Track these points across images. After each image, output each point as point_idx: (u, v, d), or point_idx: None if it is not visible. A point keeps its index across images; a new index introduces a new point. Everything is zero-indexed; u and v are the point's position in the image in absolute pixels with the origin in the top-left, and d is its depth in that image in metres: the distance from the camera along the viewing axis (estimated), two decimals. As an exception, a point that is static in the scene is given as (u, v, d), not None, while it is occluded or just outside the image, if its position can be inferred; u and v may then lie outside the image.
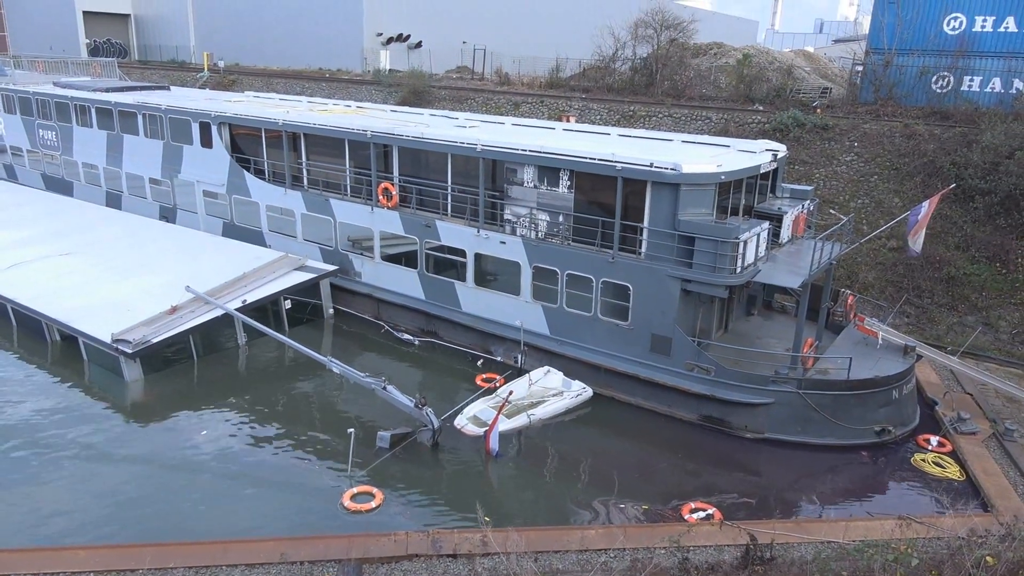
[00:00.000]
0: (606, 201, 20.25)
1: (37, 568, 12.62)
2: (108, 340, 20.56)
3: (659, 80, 41.95)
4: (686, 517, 15.37)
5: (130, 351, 20.32)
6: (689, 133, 31.44)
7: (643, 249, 19.61)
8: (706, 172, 18.88)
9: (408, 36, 61.82)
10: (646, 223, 19.49)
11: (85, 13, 76.61)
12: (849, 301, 22.66)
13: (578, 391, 20.14)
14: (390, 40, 60.96)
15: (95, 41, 77.06)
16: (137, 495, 15.84)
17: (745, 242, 18.60)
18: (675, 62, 43.32)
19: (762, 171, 21.13)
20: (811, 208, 23.15)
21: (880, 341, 20.77)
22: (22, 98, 38.27)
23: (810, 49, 67.32)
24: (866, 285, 26.77)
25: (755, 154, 21.27)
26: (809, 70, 46.64)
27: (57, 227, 30.78)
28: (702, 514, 15.48)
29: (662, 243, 19.17)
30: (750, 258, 19.02)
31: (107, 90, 35.64)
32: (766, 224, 19.92)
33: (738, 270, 18.58)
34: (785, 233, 21.38)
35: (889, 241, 27.40)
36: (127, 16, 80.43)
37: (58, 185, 37.60)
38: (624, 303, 19.94)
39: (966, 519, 14.09)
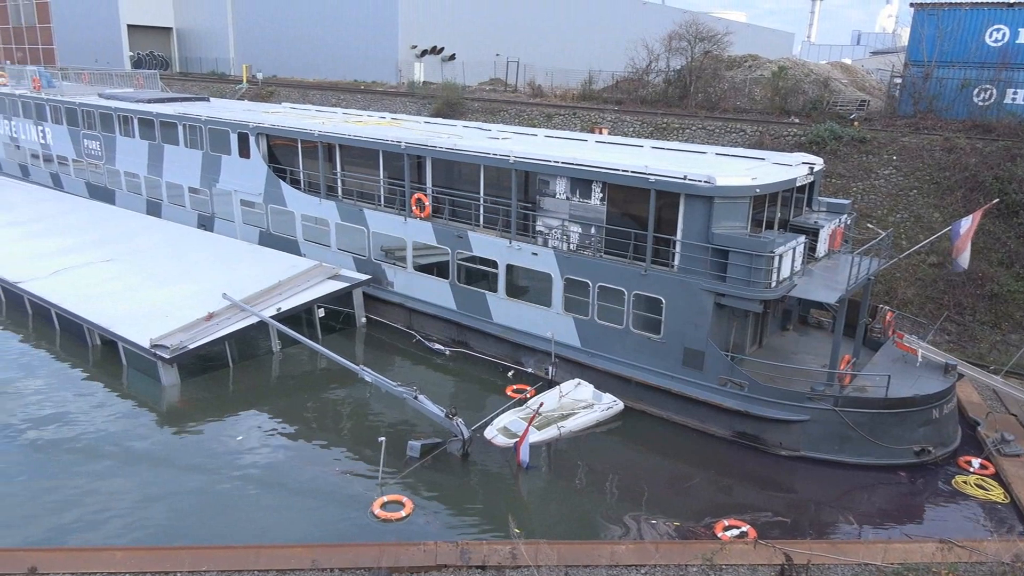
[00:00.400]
0: (639, 213, 20.17)
1: (76, 568, 12.86)
2: (146, 345, 20.98)
3: (693, 92, 41.79)
4: (719, 535, 15.14)
5: (167, 356, 20.70)
6: (723, 146, 31.21)
7: (676, 262, 19.46)
8: (741, 185, 18.71)
9: (442, 49, 62.49)
10: (679, 236, 19.36)
11: (129, 27, 78.80)
12: (887, 317, 22.22)
13: (609, 404, 20.02)
14: (424, 52, 61.69)
15: (138, 54, 79.16)
16: (172, 498, 16.09)
17: (780, 256, 18.37)
18: (709, 74, 43.13)
19: (798, 184, 20.88)
20: (848, 222, 22.80)
21: (920, 359, 20.30)
22: (68, 109, 39.40)
23: (847, 61, 66.48)
24: (905, 301, 26.23)
25: (791, 167, 21.02)
26: (846, 82, 46.04)
27: (99, 235, 31.55)
28: (736, 532, 15.25)
29: (695, 256, 19.01)
30: (785, 272, 18.77)
31: (149, 101, 36.54)
32: (802, 238, 19.64)
33: (773, 284, 18.34)
34: (821, 247, 21.07)
35: (929, 257, 26.85)
36: (169, 29, 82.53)
37: (101, 194, 38.58)
38: (656, 316, 19.79)
39: (1011, 544, 13.66)
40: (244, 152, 30.18)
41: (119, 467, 17.30)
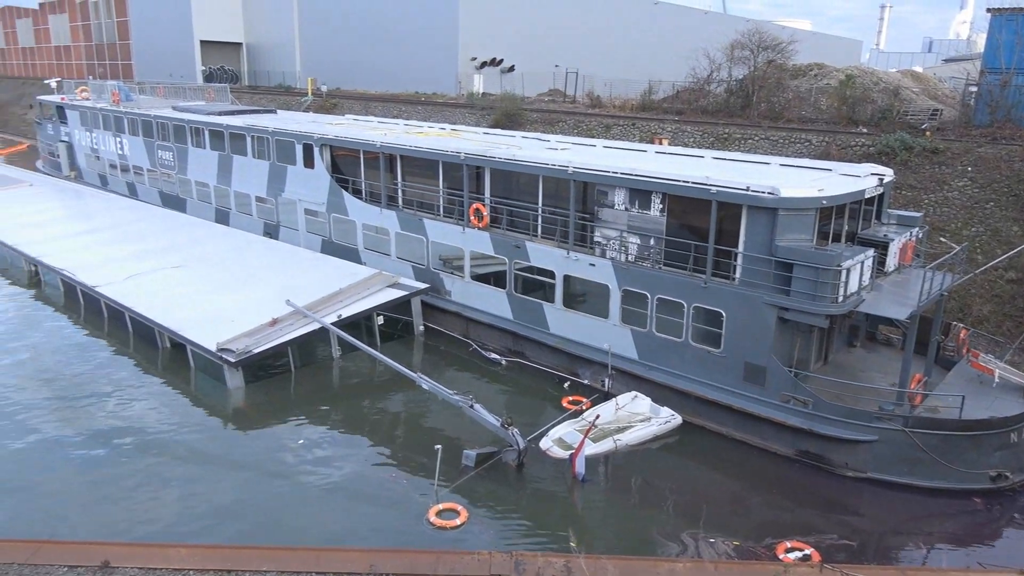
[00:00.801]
0: (699, 225, 19.87)
1: (144, 563, 13.29)
2: (213, 349, 21.66)
3: (756, 102, 41.04)
4: (781, 557, 14.69)
5: (233, 360, 21.32)
6: (787, 156, 30.52)
7: (737, 275, 19.08)
8: (806, 196, 18.24)
9: (501, 60, 63.04)
10: (741, 248, 18.98)
11: (202, 42, 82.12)
12: (961, 335, 21.29)
13: (667, 418, 19.71)
14: (484, 64, 62.34)
15: (210, 68, 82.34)
16: (236, 497, 16.55)
17: (847, 270, 17.81)
18: (773, 83, 42.31)
19: (866, 196, 20.25)
20: (919, 235, 21.98)
21: (996, 379, 19.36)
22: (144, 121, 41.20)
23: (918, 69, 64.38)
24: (980, 319, 25.08)
25: (859, 178, 20.40)
26: (917, 91, 44.52)
27: (170, 241, 32.82)
28: (798, 554, 14.77)
29: (758, 269, 18.60)
30: (853, 287, 18.17)
31: (219, 114, 37.91)
32: (871, 251, 18.99)
33: (839, 299, 17.78)
34: (891, 261, 20.35)
35: (1007, 272, 25.63)
36: (239, 44, 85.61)
37: (173, 202, 40.15)
38: (716, 330, 19.43)
39: (1098, 578, 12.86)
40: (309, 163, 30.98)
41: (185, 466, 17.88)
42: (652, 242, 20.97)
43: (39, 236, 33.80)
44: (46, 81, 65.70)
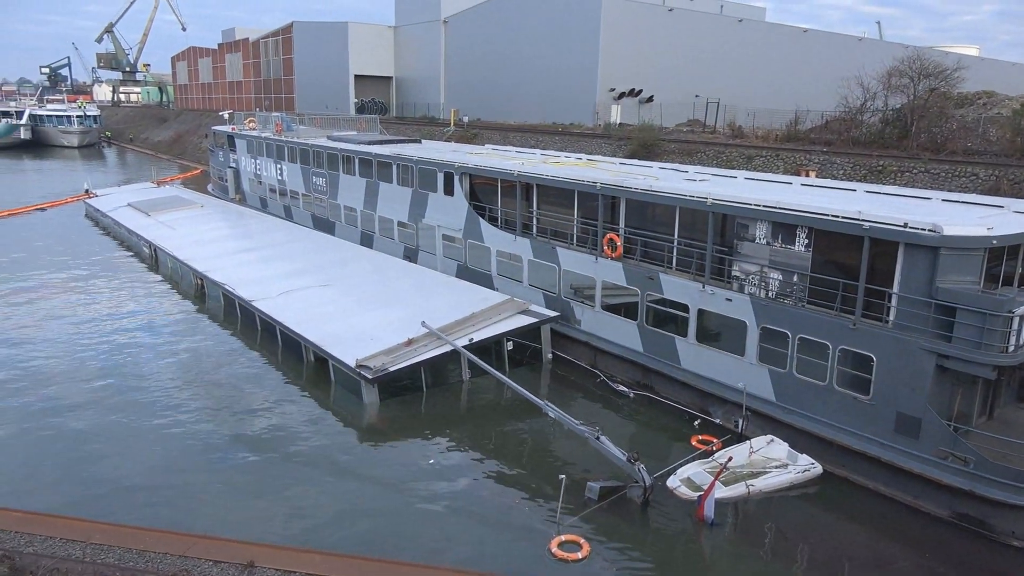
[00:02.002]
0: (848, 262, 18.73)
1: (284, 566, 14.08)
2: (353, 365, 22.78)
3: (915, 132, 38.35)
4: (933, 628, 13.35)
5: (370, 376, 22.32)
6: (951, 191, 28.26)
7: (891, 317, 17.77)
8: (973, 235, 16.77)
9: (640, 91, 62.87)
10: (896, 289, 17.68)
11: (356, 76, 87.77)
12: None
13: (806, 466, 18.53)
14: (622, 95, 62.43)
15: (362, 100, 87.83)
16: (365, 508, 17.23)
17: (1020, 317, 16.14)
18: (934, 113, 39.38)
19: (1045, 236, 18.30)
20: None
21: None
22: (302, 150, 44.47)
23: (1110, 97, 57.63)
24: None
25: (1037, 217, 18.52)
26: (1109, 121, 39.86)
27: (320, 261, 35.03)
28: (954, 628, 13.36)
29: (915, 312, 17.24)
30: (1027, 336, 16.44)
31: (369, 143, 40.25)
32: (1049, 298, 17.12)
33: (1010, 349, 16.14)
34: (1074, 310, 18.21)
35: None
36: (389, 78, 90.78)
37: (323, 225, 42.91)
38: (865, 375, 18.12)
39: None
40: (449, 190, 32.16)
41: (322, 475, 18.83)
42: (795, 278, 19.99)
43: (206, 253, 37.16)
44: (220, 113, 72.61)
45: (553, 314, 26.77)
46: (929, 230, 16.88)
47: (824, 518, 17.51)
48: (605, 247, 24.93)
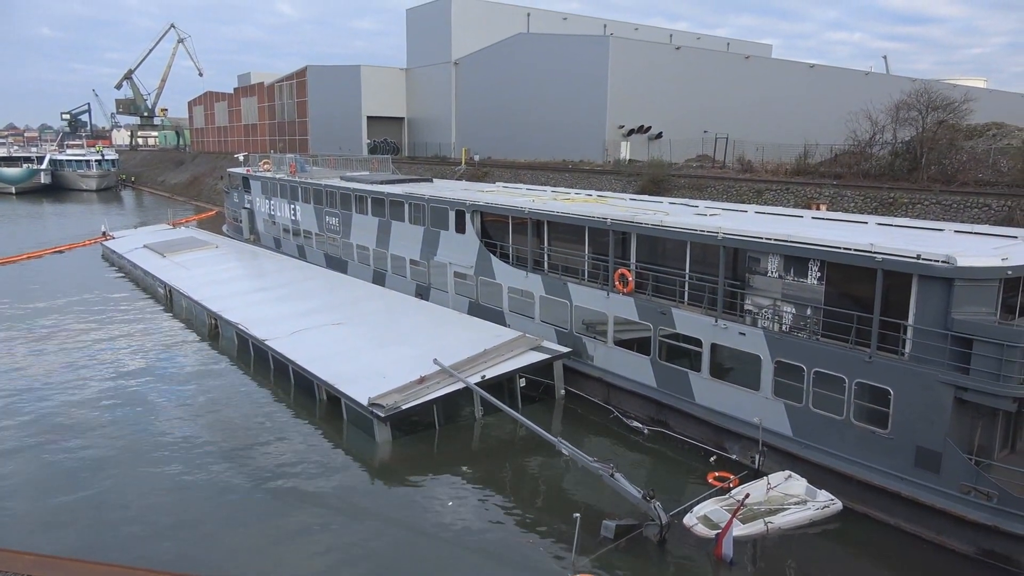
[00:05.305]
0: (862, 295, 18.63)
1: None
2: (365, 403, 22.75)
3: (925, 164, 38.41)
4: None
5: (383, 415, 22.26)
6: (963, 222, 28.17)
7: (907, 349, 17.60)
8: (988, 266, 16.68)
9: (649, 127, 63.48)
10: (911, 321, 17.55)
11: (368, 118, 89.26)
12: None
13: (825, 502, 18.22)
14: (631, 132, 63.04)
15: (374, 141, 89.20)
16: (377, 550, 17.03)
17: (1040, 348, 15.92)
18: (944, 145, 39.47)
19: (1061, 266, 18.15)
20: None
21: None
22: (316, 190, 45.07)
23: (1121, 127, 57.55)
24: None
25: (1052, 246, 18.40)
26: (1121, 150, 39.77)
27: (332, 300, 35.22)
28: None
29: (931, 344, 17.07)
30: (1047, 367, 16.19)
31: (381, 183, 40.75)
32: (1068, 328, 16.90)
33: (1030, 380, 15.88)
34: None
35: None
36: (401, 119, 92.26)
37: (336, 264, 43.25)
38: (883, 408, 17.89)
39: None
40: (460, 228, 32.41)
41: (335, 515, 18.67)
42: (809, 312, 19.89)
43: (220, 292, 37.47)
44: (235, 155, 73.84)
45: (565, 350, 26.69)
46: (943, 261, 16.81)
47: (845, 555, 17.13)
48: (617, 282, 24.95)
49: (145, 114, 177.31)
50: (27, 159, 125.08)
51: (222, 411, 25.49)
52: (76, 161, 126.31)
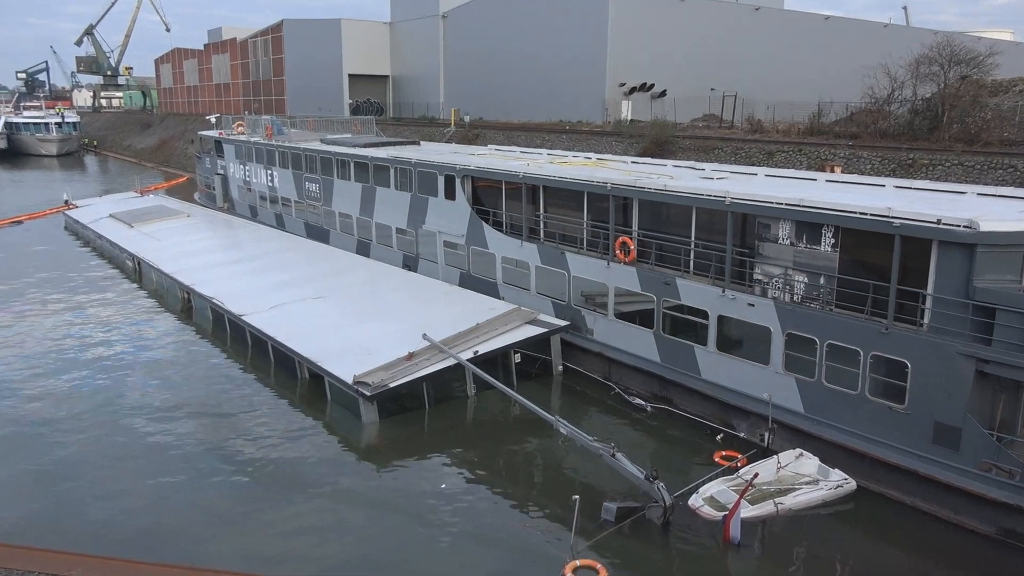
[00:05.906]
0: (878, 263, 18.64)
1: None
2: (350, 381, 22.77)
3: (946, 123, 38.22)
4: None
5: (369, 393, 22.29)
6: (987, 184, 28.14)
7: (926, 320, 17.66)
8: (1012, 231, 16.68)
9: (652, 85, 62.94)
10: (930, 289, 17.58)
11: (350, 76, 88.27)
12: None
13: (838, 481, 18.40)
14: (633, 90, 62.49)
15: (356, 101, 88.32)
16: (365, 536, 17.19)
17: (1067, 317, 16.00)
18: (967, 102, 39.26)
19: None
20: None
21: None
22: (294, 154, 44.68)
23: None
24: None
25: (1081, 210, 18.41)
26: None
27: (313, 272, 35.13)
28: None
29: (951, 314, 17.13)
30: (1074, 338, 16.28)
31: (364, 146, 40.40)
32: (1097, 297, 16.98)
33: (1056, 352, 15.98)
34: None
35: None
36: (386, 77, 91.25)
37: (317, 233, 43.05)
38: (900, 382, 18.00)
39: None
40: (450, 194, 32.22)
41: (321, 500, 18.78)
42: (822, 281, 19.90)
43: (193, 265, 37.30)
44: (207, 117, 73.08)
45: (563, 323, 26.72)
46: (964, 226, 16.79)
47: (859, 537, 17.36)
48: (617, 251, 24.90)
49: (108, 73, 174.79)
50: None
51: (197, 391, 25.49)
52: (34, 124, 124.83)
